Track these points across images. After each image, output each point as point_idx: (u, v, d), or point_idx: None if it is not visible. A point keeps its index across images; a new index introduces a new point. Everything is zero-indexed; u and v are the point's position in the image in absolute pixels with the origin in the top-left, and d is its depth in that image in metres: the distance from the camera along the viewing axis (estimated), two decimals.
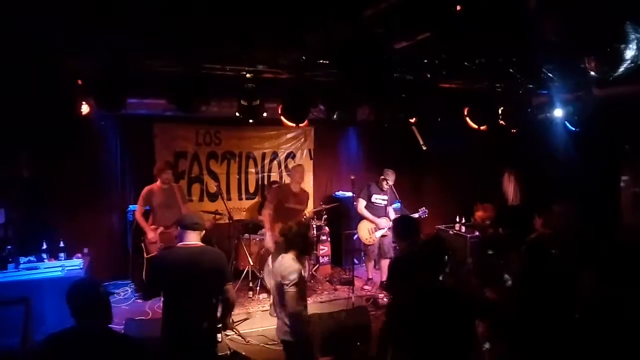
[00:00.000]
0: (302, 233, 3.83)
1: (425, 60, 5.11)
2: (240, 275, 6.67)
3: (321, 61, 5.03)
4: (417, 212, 6.86)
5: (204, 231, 3.63)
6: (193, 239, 3.53)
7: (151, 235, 5.88)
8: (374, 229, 6.81)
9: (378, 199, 6.85)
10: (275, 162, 8.07)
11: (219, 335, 5.15)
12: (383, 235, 6.79)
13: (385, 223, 6.76)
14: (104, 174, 6.83)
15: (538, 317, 3.57)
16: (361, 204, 6.83)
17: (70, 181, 6.36)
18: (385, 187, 6.78)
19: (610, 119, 6.08)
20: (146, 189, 5.98)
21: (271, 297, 4.27)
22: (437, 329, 2.84)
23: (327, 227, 7.73)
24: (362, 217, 6.88)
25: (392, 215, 6.85)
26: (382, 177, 6.75)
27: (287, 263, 3.68)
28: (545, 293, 3.63)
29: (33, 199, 6.13)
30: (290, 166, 8.03)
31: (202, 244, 3.57)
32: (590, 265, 4.08)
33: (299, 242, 3.77)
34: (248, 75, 5.16)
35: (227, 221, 6.55)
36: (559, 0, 2.93)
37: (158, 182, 6.02)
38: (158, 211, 5.98)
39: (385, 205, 6.86)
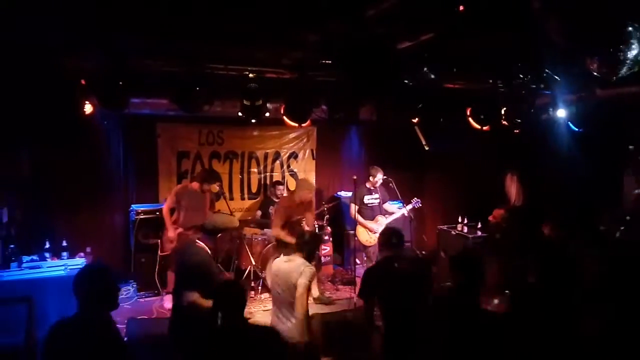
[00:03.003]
0: (317, 240, 4.15)
1: (428, 61, 5.10)
2: (242, 274, 6.67)
3: (324, 61, 5.03)
4: (410, 203, 6.83)
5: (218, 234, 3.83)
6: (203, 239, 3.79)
7: (171, 233, 5.83)
8: (372, 229, 6.72)
9: (370, 199, 6.76)
10: (277, 162, 8.07)
11: None
12: None
13: (381, 222, 6.67)
14: (106, 173, 6.83)
15: None
16: (353, 209, 6.71)
17: (73, 180, 6.36)
18: (374, 185, 6.71)
19: (614, 119, 6.06)
20: (181, 186, 5.93)
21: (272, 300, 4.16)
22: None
23: (329, 227, 7.73)
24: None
25: (391, 210, 6.85)
26: (369, 176, 6.71)
27: (301, 264, 3.78)
28: None
29: (36, 198, 6.13)
30: (292, 166, 8.05)
31: (202, 245, 3.72)
32: None
33: (311, 248, 3.93)
34: (251, 75, 5.16)
35: None
36: (562, 1, 2.93)
37: (195, 184, 5.99)
38: (184, 212, 5.91)
39: (379, 204, 6.76)
